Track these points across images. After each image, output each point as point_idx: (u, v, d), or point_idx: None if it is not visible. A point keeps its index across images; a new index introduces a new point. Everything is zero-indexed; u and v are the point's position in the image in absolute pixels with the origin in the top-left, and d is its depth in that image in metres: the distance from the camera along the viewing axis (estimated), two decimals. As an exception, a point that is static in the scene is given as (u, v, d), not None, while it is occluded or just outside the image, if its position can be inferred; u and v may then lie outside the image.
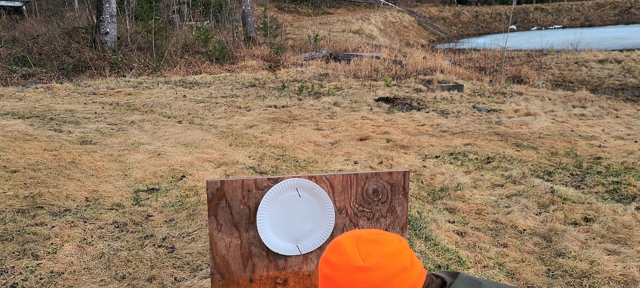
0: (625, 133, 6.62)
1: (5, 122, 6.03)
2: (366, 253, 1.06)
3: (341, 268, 1.05)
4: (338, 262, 1.06)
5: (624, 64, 14.04)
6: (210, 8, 17.80)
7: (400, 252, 1.08)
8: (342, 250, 1.07)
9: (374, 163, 5.17)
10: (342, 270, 1.05)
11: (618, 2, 34.37)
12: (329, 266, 1.08)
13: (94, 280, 2.86)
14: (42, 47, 11.83)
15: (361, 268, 1.04)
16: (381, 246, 1.07)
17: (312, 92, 9.61)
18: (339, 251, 1.07)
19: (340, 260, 1.06)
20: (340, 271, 1.05)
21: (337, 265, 1.06)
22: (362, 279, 1.03)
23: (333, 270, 1.06)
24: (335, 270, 1.06)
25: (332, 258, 1.07)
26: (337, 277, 1.05)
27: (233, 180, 1.56)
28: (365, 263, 1.04)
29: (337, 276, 1.05)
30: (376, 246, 1.07)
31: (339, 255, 1.07)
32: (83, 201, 3.94)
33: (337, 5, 32.58)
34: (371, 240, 1.09)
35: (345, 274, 1.05)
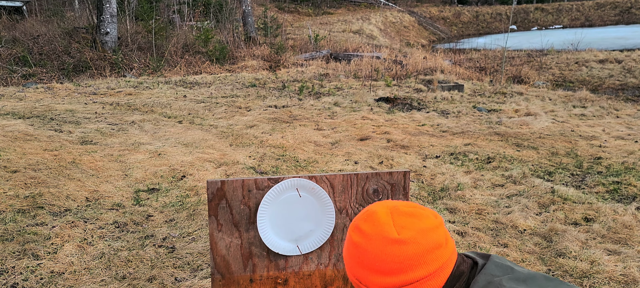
0: (626, 133, 6.62)
1: (6, 122, 6.03)
2: (401, 225, 1.01)
3: (374, 238, 1.00)
4: (371, 232, 1.01)
5: (625, 64, 14.04)
6: (211, 8, 17.80)
7: (436, 228, 1.03)
8: (377, 220, 1.02)
9: (374, 163, 5.17)
10: (374, 240, 1.00)
11: (618, 2, 34.36)
12: (361, 234, 1.02)
13: (95, 280, 2.86)
14: (43, 47, 11.84)
15: (395, 240, 0.99)
16: (417, 220, 1.03)
17: (313, 92, 9.61)
18: (373, 220, 1.02)
19: (374, 230, 1.01)
20: (373, 241, 1.00)
21: (369, 235, 1.01)
22: (395, 252, 0.98)
23: (364, 239, 1.01)
24: (366, 240, 1.01)
25: (364, 227, 1.02)
26: (368, 246, 1.00)
27: (233, 180, 1.56)
28: (400, 235, 0.99)
29: (368, 246, 1.00)
30: (412, 219, 1.02)
31: (372, 225, 1.02)
32: (83, 201, 3.94)
33: (338, 5, 32.58)
34: (407, 212, 1.04)
35: (377, 245, 0.99)
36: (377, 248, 0.99)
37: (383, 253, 0.98)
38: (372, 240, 1.00)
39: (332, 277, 1.69)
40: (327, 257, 1.67)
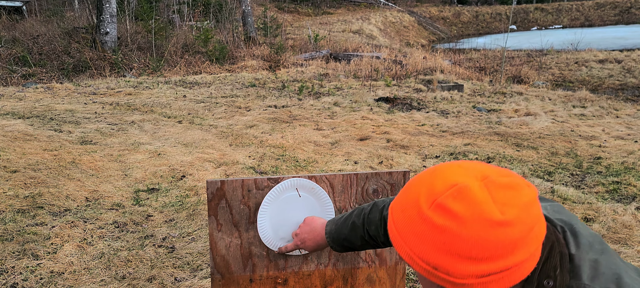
0: (626, 133, 6.62)
1: (6, 122, 6.03)
2: (503, 202, 0.81)
3: (471, 222, 0.79)
4: (467, 214, 0.80)
5: (624, 64, 14.04)
6: (210, 8, 17.81)
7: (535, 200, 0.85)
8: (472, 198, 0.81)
9: (374, 163, 5.17)
10: (471, 224, 0.79)
11: (618, 2, 34.39)
12: (450, 217, 0.81)
13: (94, 280, 2.86)
14: (42, 47, 11.83)
15: (500, 222, 0.79)
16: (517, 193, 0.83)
17: (312, 92, 9.61)
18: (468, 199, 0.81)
19: (471, 212, 0.80)
20: (469, 225, 0.79)
21: (464, 218, 0.80)
22: (499, 236, 0.79)
23: (457, 223, 0.80)
24: (460, 223, 0.80)
25: (456, 208, 0.81)
26: (462, 231, 0.80)
27: (233, 180, 1.56)
28: (504, 216, 0.80)
29: (462, 230, 0.80)
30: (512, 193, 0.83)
31: (467, 205, 0.80)
32: (83, 201, 3.94)
33: (337, 5, 32.58)
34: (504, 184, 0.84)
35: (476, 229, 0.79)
36: (476, 233, 0.79)
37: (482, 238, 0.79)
38: (469, 224, 0.80)
39: (331, 277, 1.69)
40: (327, 257, 1.67)
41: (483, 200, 0.81)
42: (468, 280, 0.82)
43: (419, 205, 0.85)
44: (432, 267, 0.84)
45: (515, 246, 0.80)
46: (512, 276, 0.82)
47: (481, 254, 0.80)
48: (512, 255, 0.80)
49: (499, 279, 0.81)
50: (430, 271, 0.84)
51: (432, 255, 0.83)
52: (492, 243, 0.79)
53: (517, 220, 0.80)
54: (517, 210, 0.81)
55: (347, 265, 1.69)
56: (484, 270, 0.81)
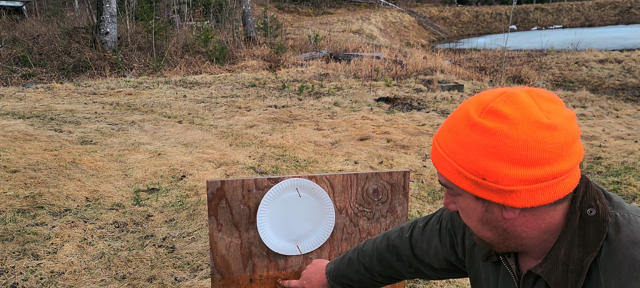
0: (626, 133, 6.62)
1: (6, 122, 6.03)
2: (547, 110, 0.85)
3: (521, 123, 0.83)
4: (517, 115, 0.83)
5: (624, 64, 14.04)
6: (210, 8, 17.81)
7: (574, 117, 0.89)
8: (520, 102, 0.85)
9: (374, 163, 5.17)
10: (522, 125, 0.82)
11: (618, 2, 34.38)
12: (501, 119, 0.84)
13: (94, 280, 2.86)
14: (43, 47, 11.84)
15: (547, 125, 0.82)
16: (559, 106, 0.87)
17: (313, 92, 9.61)
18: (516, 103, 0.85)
19: (520, 113, 0.83)
20: (520, 126, 0.82)
21: (515, 119, 0.83)
22: (547, 139, 0.82)
23: (509, 125, 0.83)
24: (512, 125, 0.83)
25: (506, 110, 0.84)
26: (515, 132, 0.82)
27: (233, 180, 1.56)
28: (550, 121, 0.83)
29: (515, 131, 0.82)
30: (554, 105, 0.87)
31: (517, 108, 0.84)
32: (83, 201, 3.94)
33: (337, 5, 32.58)
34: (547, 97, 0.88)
35: (526, 130, 0.82)
36: (525, 133, 0.82)
37: (532, 139, 0.82)
38: (519, 125, 0.83)
39: (332, 277, 1.69)
40: (327, 257, 1.67)
41: (531, 105, 0.85)
42: (516, 186, 0.84)
43: (469, 116, 0.88)
44: (481, 176, 0.85)
45: (560, 153, 0.83)
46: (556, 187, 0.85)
47: (530, 157, 0.82)
48: (557, 162, 0.83)
49: (545, 188, 0.84)
50: (479, 182, 0.86)
51: (482, 163, 0.85)
52: (540, 145, 0.82)
53: (562, 127, 0.84)
54: (561, 119, 0.85)
55: (347, 265, 1.69)
56: (532, 176, 0.83)
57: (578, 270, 0.87)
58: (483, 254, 1.08)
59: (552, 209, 0.88)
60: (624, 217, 0.88)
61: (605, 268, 0.85)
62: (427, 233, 1.28)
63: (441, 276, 1.30)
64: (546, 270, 0.91)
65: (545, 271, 0.91)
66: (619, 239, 0.85)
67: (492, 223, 0.91)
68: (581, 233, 0.89)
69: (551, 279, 0.90)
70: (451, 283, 2.97)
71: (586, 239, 0.88)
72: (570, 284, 0.88)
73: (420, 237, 1.29)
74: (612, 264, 0.84)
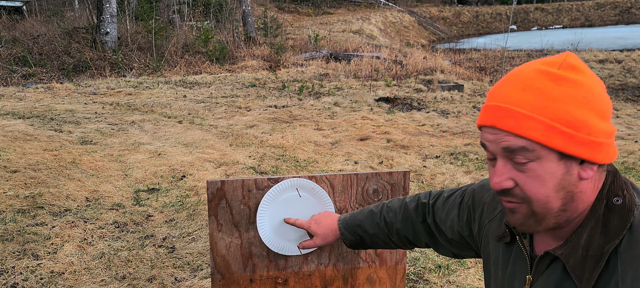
0: (626, 133, 6.62)
1: (6, 122, 6.03)
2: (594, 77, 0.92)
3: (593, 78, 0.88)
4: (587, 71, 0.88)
5: (624, 64, 14.04)
6: (210, 8, 17.81)
7: None
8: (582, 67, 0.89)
9: (374, 163, 5.17)
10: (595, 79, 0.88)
11: (618, 2, 34.38)
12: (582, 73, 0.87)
13: (94, 280, 2.86)
14: (43, 47, 11.84)
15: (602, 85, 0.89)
16: None
17: (313, 92, 9.61)
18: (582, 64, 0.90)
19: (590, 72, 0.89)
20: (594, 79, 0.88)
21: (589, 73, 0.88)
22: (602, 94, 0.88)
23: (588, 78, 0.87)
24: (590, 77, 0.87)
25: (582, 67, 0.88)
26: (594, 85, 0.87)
27: (233, 180, 1.56)
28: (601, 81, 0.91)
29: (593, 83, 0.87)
30: None
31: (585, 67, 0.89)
32: (83, 201, 3.94)
33: (337, 5, 32.58)
34: None
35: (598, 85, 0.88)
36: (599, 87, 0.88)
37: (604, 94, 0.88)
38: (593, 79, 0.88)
39: (332, 277, 1.69)
40: (327, 257, 1.67)
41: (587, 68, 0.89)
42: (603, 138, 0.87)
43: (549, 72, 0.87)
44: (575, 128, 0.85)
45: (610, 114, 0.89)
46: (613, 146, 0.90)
47: (605, 110, 0.87)
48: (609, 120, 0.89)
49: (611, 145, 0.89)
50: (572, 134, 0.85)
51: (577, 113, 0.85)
52: (607, 101, 0.88)
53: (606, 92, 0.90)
54: None
55: (347, 265, 1.69)
56: (607, 129, 0.87)
57: (597, 256, 0.87)
58: (497, 234, 1.08)
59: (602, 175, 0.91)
60: None
61: (624, 258, 0.85)
62: (448, 204, 1.31)
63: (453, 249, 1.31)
64: (566, 253, 0.91)
65: (565, 254, 0.91)
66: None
67: (566, 188, 0.89)
68: (605, 220, 0.89)
69: (569, 262, 0.90)
70: (451, 284, 2.97)
71: (609, 227, 0.88)
72: (587, 269, 0.88)
73: (442, 206, 1.32)
74: (632, 255, 0.84)
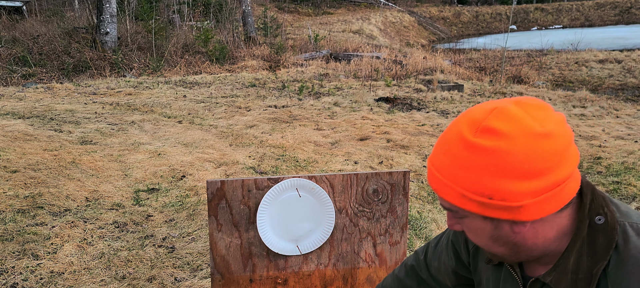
0: (626, 133, 6.62)
1: (6, 122, 6.03)
2: (539, 118, 0.85)
3: (518, 136, 0.82)
4: (511, 129, 0.82)
5: (624, 64, 14.04)
6: (210, 8, 17.81)
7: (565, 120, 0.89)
8: (513, 116, 0.84)
9: (374, 163, 5.17)
10: (519, 138, 0.82)
11: (618, 2, 34.37)
12: (499, 136, 0.83)
13: (94, 280, 2.86)
14: (43, 47, 11.84)
15: (543, 134, 0.82)
16: (549, 112, 0.87)
17: (312, 92, 9.61)
18: (509, 117, 0.84)
19: (514, 127, 0.83)
20: (518, 139, 0.82)
21: (511, 133, 0.82)
22: (545, 147, 0.82)
23: (507, 140, 0.82)
24: (510, 140, 0.82)
25: (501, 126, 0.83)
26: (514, 147, 0.82)
27: (233, 180, 1.56)
28: (544, 129, 0.83)
29: (512, 146, 0.82)
30: (545, 112, 0.87)
31: (510, 121, 0.83)
32: (83, 201, 3.94)
33: (337, 5, 32.58)
34: (536, 105, 0.88)
35: (524, 142, 0.82)
36: (524, 146, 0.82)
37: (532, 151, 0.82)
38: (516, 139, 0.82)
39: (331, 277, 1.69)
40: (327, 257, 1.67)
41: (523, 116, 0.84)
42: (524, 201, 0.83)
43: (464, 137, 0.86)
44: (488, 196, 0.84)
45: (560, 159, 0.83)
46: (561, 193, 0.85)
47: (532, 168, 0.82)
48: (558, 169, 0.83)
49: (551, 197, 0.84)
50: (486, 203, 0.85)
51: (487, 182, 0.83)
52: (541, 155, 0.82)
53: (556, 133, 0.84)
54: (554, 124, 0.85)
55: (347, 265, 1.69)
56: (537, 187, 0.83)
57: (587, 279, 0.87)
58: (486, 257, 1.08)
59: (559, 216, 0.89)
60: (633, 227, 0.89)
61: (614, 279, 0.85)
62: (438, 251, 1.29)
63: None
64: (555, 279, 0.91)
65: (554, 280, 0.91)
66: (628, 250, 0.85)
67: (503, 239, 0.90)
68: (590, 241, 0.89)
69: None
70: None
71: (595, 248, 0.88)
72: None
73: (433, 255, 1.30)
74: (621, 275, 0.85)
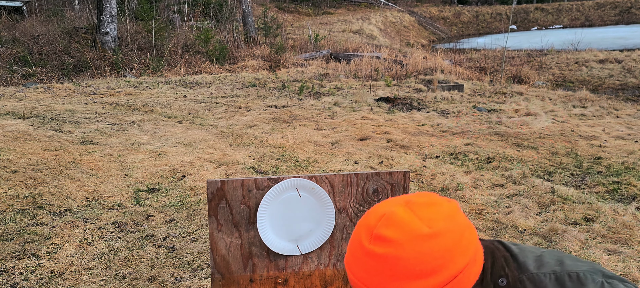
0: (626, 133, 6.62)
1: (6, 122, 6.03)
2: (428, 218, 0.89)
3: (406, 242, 0.86)
4: (399, 236, 0.87)
5: (624, 64, 14.04)
6: (210, 8, 17.81)
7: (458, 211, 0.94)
8: (400, 220, 0.89)
9: (374, 163, 5.17)
10: (408, 244, 0.86)
11: (618, 2, 34.36)
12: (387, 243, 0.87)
13: (94, 280, 2.86)
14: (43, 47, 11.83)
15: (430, 235, 0.87)
16: (439, 208, 0.92)
17: (313, 92, 9.61)
18: (395, 222, 0.88)
19: (401, 233, 0.87)
20: (406, 245, 0.86)
21: (398, 240, 0.86)
22: (434, 248, 0.86)
23: (395, 247, 0.86)
24: (399, 246, 0.86)
25: (388, 233, 0.88)
26: (402, 252, 0.86)
27: (233, 180, 1.56)
28: (433, 229, 0.87)
29: (402, 251, 0.86)
30: (433, 208, 0.91)
31: (397, 227, 0.88)
32: (83, 201, 3.94)
33: (338, 5, 32.57)
34: (425, 203, 0.92)
35: (413, 246, 0.86)
36: (414, 250, 0.86)
37: (420, 253, 0.86)
38: (405, 244, 0.87)
39: (332, 277, 1.69)
40: (327, 257, 1.67)
41: (410, 220, 0.89)
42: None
43: (362, 244, 0.91)
44: None
45: (452, 254, 0.88)
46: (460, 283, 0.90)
47: (424, 269, 0.86)
48: (452, 263, 0.88)
49: None
50: None
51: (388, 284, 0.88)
52: (430, 256, 0.86)
53: (445, 229, 0.88)
54: (443, 221, 0.89)
55: (347, 265, 1.69)
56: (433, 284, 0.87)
57: None
58: None
59: None
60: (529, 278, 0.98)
61: None
62: None
63: None
64: None
65: None
66: None
67: None
68: None
69: None
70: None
71: None
72: None
73: None
74: None
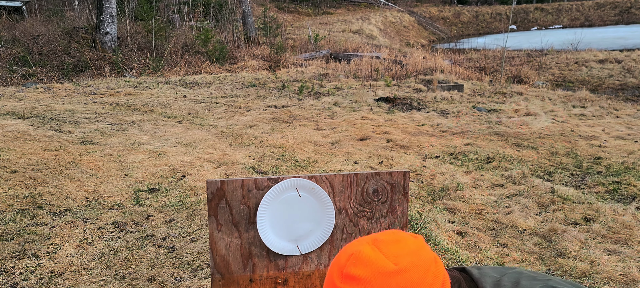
0: (626, 133, 6.62)
1: (6, 122, 6.03)
2: (394, 255, 0.95)
3: (373, 279, 0.93)
4: (367, 274, 0.93)
5: (624, 64, 14.04)
6: (210, 8, 17.81)
7: (423, 246, 0.99)
8: (366, 259, 0.95)
9: (374, 163, 5.17)
10: (375, 281, 0.93)
11: (618, 2, 34.37)
12: (356, 282, 0.93)
13: (94, 280, 2.86)
14: (42, 47, 11.83)
15: (396, 271, 0.93)
16: (404, 244, 0.98)
17: (312, 92, 9.61)
18: (363, 261, 0.95)
19: (369, 271, 0.93)
20: (373, 282, 0.92)
21: (366, 278, 0.93)
22: (400, 283, 0.92)
23: (364, 285, 0.93)
24: (366, 284, 0.93)
25: (357, 272, 0.94)
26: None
27: (233, 180, 1.56)
28: (399, 265, 0.93)
29: None
30: (400, 245, 0.97)
31: (364, 266, 0.94)
32: (83, 201, 3.94)
33: (337, 5, 32.58)
34: (390, 240, 0.98)
35: (379, 284, 0.92)
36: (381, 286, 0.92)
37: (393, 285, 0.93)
38: (371, 281, 0.93)
39: (331, 277, 1.69)
40: (327, 257, 1.67)
41: (376, 258, 0.94)
42: None
43: (334, 282, 0.98)
44: None
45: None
46: None
47: None
48: None
49: None
50: None
51: None
52: None
53: (411, 265, 0.94)
54: (408, 257, 0.95)
55: (347, 265, 1.69)
56: None
57: None
58: None
59: None
60: None
61: None
62: None
63: None
64: None
65: None
66: None
67: None
68: None
69: None
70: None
71: None
72: None
73: None
74: None
